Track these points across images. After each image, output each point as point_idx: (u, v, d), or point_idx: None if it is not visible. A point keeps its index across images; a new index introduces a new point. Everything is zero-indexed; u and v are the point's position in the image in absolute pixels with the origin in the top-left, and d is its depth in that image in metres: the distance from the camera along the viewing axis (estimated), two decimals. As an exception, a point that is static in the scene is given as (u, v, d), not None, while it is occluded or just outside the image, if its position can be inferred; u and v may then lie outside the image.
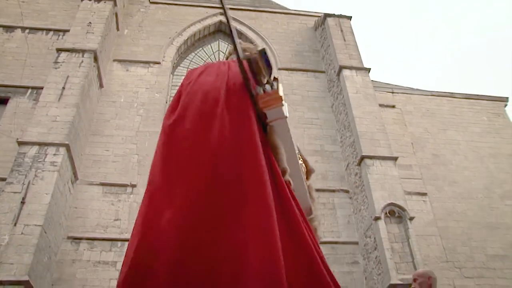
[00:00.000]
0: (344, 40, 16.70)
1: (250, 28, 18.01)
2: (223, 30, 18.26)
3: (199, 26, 17.87)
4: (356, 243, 12.75)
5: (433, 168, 15.42)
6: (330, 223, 12.97)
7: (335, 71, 15.85)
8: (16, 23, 16.57)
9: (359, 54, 16.36)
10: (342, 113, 15.00)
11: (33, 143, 11.62)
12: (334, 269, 11.38)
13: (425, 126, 16.60)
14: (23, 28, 16.40)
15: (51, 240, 10.82)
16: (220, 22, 18.14)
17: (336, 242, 12.56)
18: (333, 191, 13.70)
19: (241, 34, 17.98)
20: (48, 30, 16.60)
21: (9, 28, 16.40)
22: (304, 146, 14.30)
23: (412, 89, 18.13)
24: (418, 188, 14.55)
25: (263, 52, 2.21)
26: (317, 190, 13.47)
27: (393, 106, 16.67)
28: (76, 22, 15.26)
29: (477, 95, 18.40)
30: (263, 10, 18.77)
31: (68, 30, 15.42)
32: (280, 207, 1.88)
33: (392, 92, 17.38)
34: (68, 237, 11.64)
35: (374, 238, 11.88)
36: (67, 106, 12.61)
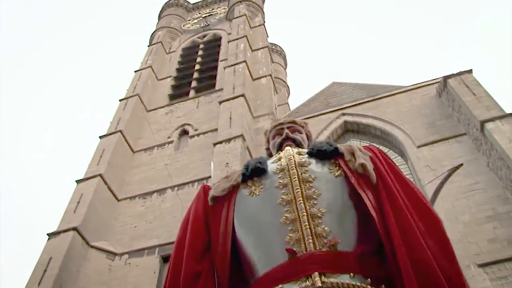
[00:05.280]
0: (474, 95, 15.83)
1: (375, 118, 17.93)
2: (350, 129, 18.46)
3: (326, 133, 18.19)
4: None
5: None
6: (538, 294, 11.24)
7: (477, 129, 14.91)
8: (166, 184, 18.41)
9: (496, 102, 15.22)
10: (503, 168, 13.75)
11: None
12: None
13: None
14: (172, 187, 18.09)
15: None
16: (345, 122, 18.43)
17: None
18: (527, 255, 12.08)
19: (368, 126, 17.99)
20: (193, 182, 18.02)
21: (161, 191, 18.25)
22: (474, 216, 13.18)
23: None
24: None
25: None
26: (507, 259, 12.06)
27: (557, 141, 14.96)
28: (215, 166, 16.33)
29: None
30: (381, 97, 18.68)
31: (209, 177, 16.63)
32: None
33: (550, 127, 15.74)
34: None
35: None
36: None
